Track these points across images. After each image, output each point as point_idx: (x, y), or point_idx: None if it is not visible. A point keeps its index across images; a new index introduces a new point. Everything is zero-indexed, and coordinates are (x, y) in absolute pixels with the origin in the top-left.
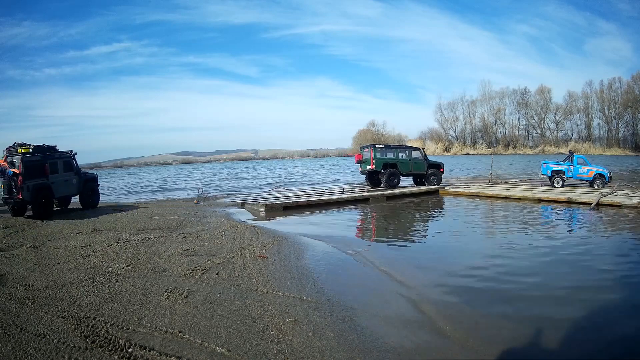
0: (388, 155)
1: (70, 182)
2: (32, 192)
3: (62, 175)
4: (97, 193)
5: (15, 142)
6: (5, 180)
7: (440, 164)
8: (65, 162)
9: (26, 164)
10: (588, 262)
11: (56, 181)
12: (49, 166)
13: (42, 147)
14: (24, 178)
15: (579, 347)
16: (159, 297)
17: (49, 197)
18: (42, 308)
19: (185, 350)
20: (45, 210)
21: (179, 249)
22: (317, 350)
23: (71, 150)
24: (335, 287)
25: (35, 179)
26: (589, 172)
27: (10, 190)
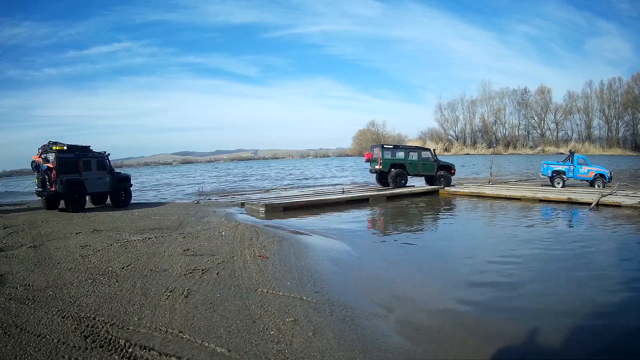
0: (396, 156)
1: (103, 180)
2: (65, 186)
3: (95, 173)
4: (129, 192)
5: (50, 140)
6: (39, 175)
7: (450, 165)
8: (99, 162)
9: (60, 160)
10: (589, 262)
11: (89, 178)
12: (82, 163)
13: (75, 146)
14: (58, 173)
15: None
16: (159, 297)
17: (82, 191)
18: (42, 308)
19: (185, 350)
20: (77, 204)
21: (179, 249)
22: (317, 350)
23: (105, 151)
24: (335, 287)
25: (68, 174)
26: (589, 172)
27: (44, 183)
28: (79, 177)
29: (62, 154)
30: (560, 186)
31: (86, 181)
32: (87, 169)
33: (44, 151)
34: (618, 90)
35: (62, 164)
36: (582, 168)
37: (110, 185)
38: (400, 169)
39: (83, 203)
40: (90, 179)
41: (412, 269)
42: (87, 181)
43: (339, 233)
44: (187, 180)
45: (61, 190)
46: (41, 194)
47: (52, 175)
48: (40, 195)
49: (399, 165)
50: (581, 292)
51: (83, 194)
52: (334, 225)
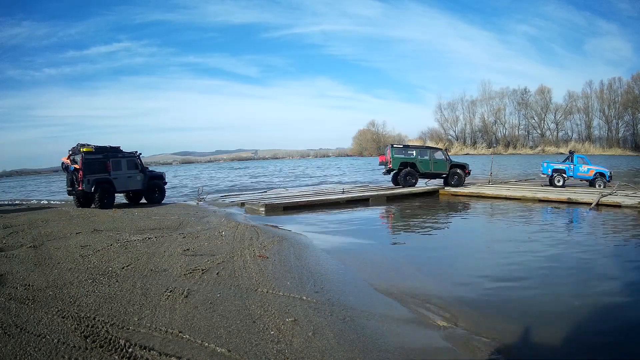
0: (407, 155)
1: (135, 179)
2: (92, 185)
3: (125, 172)
4: (163, 190)
5: (79, 142)
6: (68, 175)
7: (464, 165)
8: (129, 161)
9: (86, 161)
10: (589, 263)
11: (119, 177)
12: (111, 163)
13: (104, 147)
14: (84, 173)
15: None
16: (159, 297)
17: (110, 190)
18: (42, 308)
19: (185, 350)
20: (104, 202)
21: (179, 249)
22: (317, 350)
23: (136, 151)
24: (335, 287)
25: (96, 173)
26: (589, 170)
27: (72, 183)
28: (107, 176)
29: (89, 155)
30: (560, 184)
31: (115, 180)
32: (117, 169)
33: (73, 153)
34: (618, 90)
35: (88, 164)
36: (582, 167)
37: (142, 184)
38: (410, 168)
39: (111, 201)
40: (120, 178)
41: (413, 269)
42: (116, 180)
43: (339, 233)
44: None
45: (88, 189)
46: (70, 192)
47: (79, 175)
48: (70, 194)
49: (410, 165)
50: (581, 292)
51: (111, 192)
52: (334, 225)
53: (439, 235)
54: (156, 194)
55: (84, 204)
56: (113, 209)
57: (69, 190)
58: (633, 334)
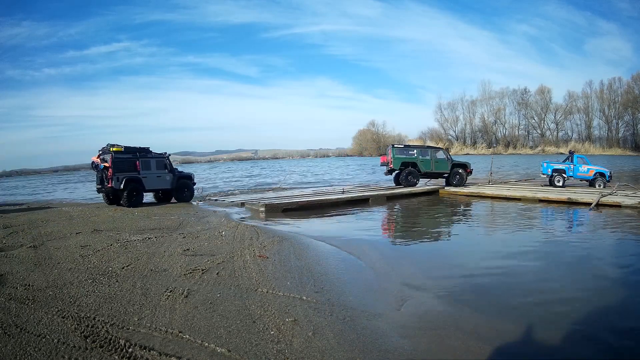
0: (407, 155)
1: (163, 179)
2: (121, 182)
3: (154, 171)
4: (191, 189)
5: (108, 143)
6: (98, 173)
7: (466, 164)
8: (158, 161)
9: (115, 160)
10: (588, 262)
11: (148, 176)
12: (140, 163)
13: (133, 148)
14: (114, 171)
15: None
16: (159, 297)
17: (139, 188)
18: (42, 308)
19: (185, 350)
20: (132, 199)
21: (179, 249)
22: (317, 350)
23: (165, 152)
24: (335, 287)
25: (125, 172)
26: (589, 170)
27: (102, 181)
28: (136, 175)
29: (118, 154)
30: (560, 184)
31: (144, 179)
32: (146, 168)
33: (103, 152)
34: (618, 90)
35: (118, 163)
36: (582, 167)
37: (171, 183)
38: (411, 167)
39: (140, 199)
40: (149, 177)
41: (413, 269)
42: (145, 179)
43: (339, 233)
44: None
45: (117, 186)
46: (100, 190)
47: (108, 173)
48: (99, 192)
49: (411, 164)
50: (581, 292)
51: (140, 191)
52: (334, 225)
53: (439, 235)
54: (185, 193)
55: (113, 201)
56: (114, 208)
57: (99, 188)
58: (633, 334)
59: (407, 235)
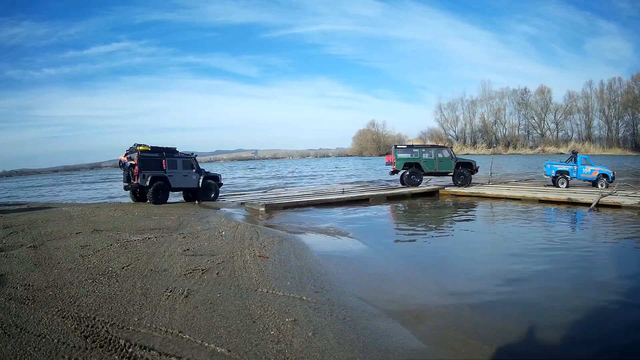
0: (410, 155)
1: (190, 178)
2: (147, 180)
3: (181, 171)
4: (216, 189)
5: (135, 142)
6: (125, 171)
7: (471, 162)
8: (185, 161)
9: (142, 158)
10: (588, 263)
11: (174, 175)
12: (166, 162)
13: (160, 148)
14: (140, 169)
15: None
16: (159, 297)
17: (164, 186)
18: (42, 308)
19: (185, 350)
20: (158, 197)
21: (179, 249)
22: (317, 350)
23: (192, 152)
24: (335, 287)
25: (152, 170)
26: (592, 172)
27: (128, 178)
28: (162, 173)
29: (145, 153)
30: (564, 186)
31: (170, 178)
32: (172, 167)
33: (130, 151)
34: (618, 90)
35: (144, 161)
36: (586, 168)
37: (197, 183)
38: (414, 167)
39: (165, 197)
40: (175, 176)
41: (413, 269)
42: (171, 178)
43: (339, 233)
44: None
45: (143, 182)
46: (127, 187)
47: (135, 171)
48: (126, 189)
49: (414, 164)
50: (580, 293)
51: (166, 189)
52: (334, 225)
53: (440, 235)
54: (212, 193)
55: (140, 199)
56: (114, 208)
57: (126, 186)
58: (633, 334)
59: (407, 236)
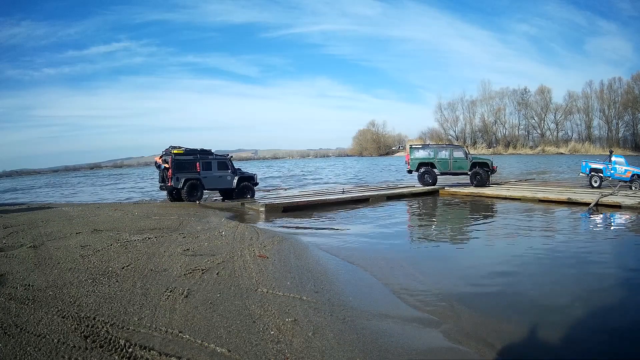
0: (425, 155)
1: (225, 179)
2: (181, 182)
3: (215, 172)
4: (252, 189)
5: (171, 145)
6: (160, 173)
7: (486, 161)
8: (220, 162)
9: (175, 161)
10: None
11: (208, 176)
12: (201, 164)
13: (194, 150)
14: (174, 171)
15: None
16: (159, 297)
17: (197, 187)
18: (42, 308)
19: (185, 350)
20: (191, 196)
21: (179, 249)
22: (317, 350)
23: (228, 154)
24: (335, 287)
25: (185, 172)
26: (626, 172)
27: (163, 179)
28: (196, 175)
29: (178, 156)
30: (597, 185)
31: (204, 179)
32: (207, 169)
33: (165, 154)
34: (618, 90)
35: (177, 164)
36: (620, 168)
37: (232, 183)
38: (429, 167)
39: (199, 196)
40: (209, 177)
41: (412, 269)
42: (205, 179)
43: (339, 233)
44: None
45: (176, 184)
46: (162, 187)
47: (168, 173)
48: (161, 189)
49: (428, 164)
50: (579, 293)
51: (199, 189)
52: (334, 225)
53: (439, 235)
54: (248, 193)
55: (176, 198)
56: (114, 209)
57: (161, 186)
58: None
59: (407, 236)
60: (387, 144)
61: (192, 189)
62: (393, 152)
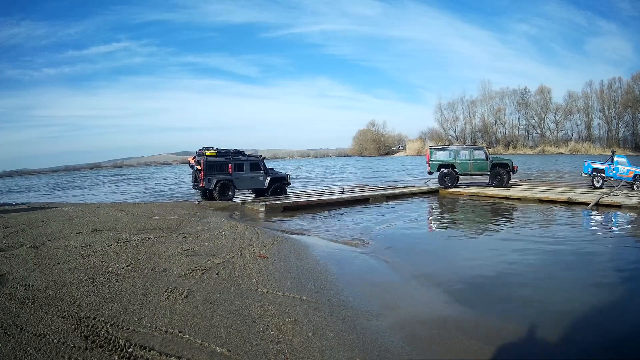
0: (445, 156)
1: (257, 179)
2: (212, 183)
3: (248, 173)
4: (283, 189)
5: (204, 146)
6: (192, 173)
7: (506, 162)
8: (253, 164)
9: (207, 163)
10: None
11: (240, 177)
12: (233, 166)
13: (227, 151)
14: (206, 173)
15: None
16: (159, 297)
17: (229, 188)
18: (42, 308)
19: (185, 350)
20: (223, 196)
21: (179, 249)
22: (317, 350)
23: (260, 155)
24: (335, 287)
25: (218, 173)
26: (628, 172)
27: (196, 179)
28: (228, 176)
29: (211, 158)
30: (599, 185)
31: (236, 180)
32: (239, 170)
33: (198, 155)
34: (618, 90)
35: (209, 165)
36: (622, 168)
37: (265, 183)
38: (449, 169)
39: (230, 197)
40: (241, 178)
41: (412, 269)
42: (237, 180)
43: (338, 233)
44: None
45: (208, 186)
46: (194, 187)
47: (200, 175)
48: (194, 188)
49: (449, 166)
50: (579, 293)
51: (231, 190)
52: (334, 225)
53: (439, 235)
54: (280, 193)
55: (209, 198)
56: (114, 209)
57: (194, 185)
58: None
59: (407, 236)
60: (387, 144)
61: (224, 189)
62: (393, 152)
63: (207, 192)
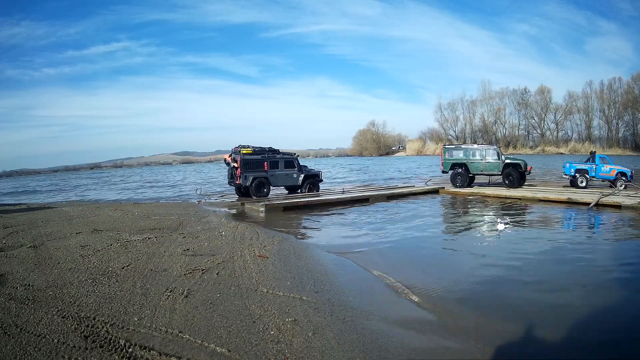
0: (458, 156)
1: (291, 176)
2: (249, 180)
3: (282, 170)
4: (317, 185)
5: (240, 144)
6: (229, 170)
7: (519, 163)
8: (287, 161)
9: (244, 160)
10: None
11: (275, 174)
12: (268, 163)
13: (262, 149)
14: (242, 170)
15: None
16: (159, 297)
17: (265, 185)
18: (42, 308)
19: (185, 350)
20: (258, 193)
21: (179, 249)
22: (317, 350)
23: (294, 153)
24: (335, 287)
25: (254, 171)
26: (611, 170)
27: (231, 176)
28: (264, 173)
29: (247, 156)
30: (583, 185)
31: (271, 177)
32: (274, 167)
33: (234, 152)
34: (618, 90)
35: (245, 163)
36: (604, 167)
37: (298, 180)
38: (461, 168)
39: (265, 193)
40: (276, 175)
41: (411, 268)
42: (272, 177)
43: (338, 233)
44: None
45: (244, 183)
46: (230, 183)
47: (237, 172)
48: (229, 184)
49: (461, 165)
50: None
51: (266, 186)
52: (334, 224)
53: (439, 235)
54: (313, 190)
55: (245, 194)
56: (114, 209)
57: (230, 181)
58: (632, 334)
59: (407, 236)
60: (387, 144)
61: (260, 186)
62: (393, 152)
63: (242, 189)
